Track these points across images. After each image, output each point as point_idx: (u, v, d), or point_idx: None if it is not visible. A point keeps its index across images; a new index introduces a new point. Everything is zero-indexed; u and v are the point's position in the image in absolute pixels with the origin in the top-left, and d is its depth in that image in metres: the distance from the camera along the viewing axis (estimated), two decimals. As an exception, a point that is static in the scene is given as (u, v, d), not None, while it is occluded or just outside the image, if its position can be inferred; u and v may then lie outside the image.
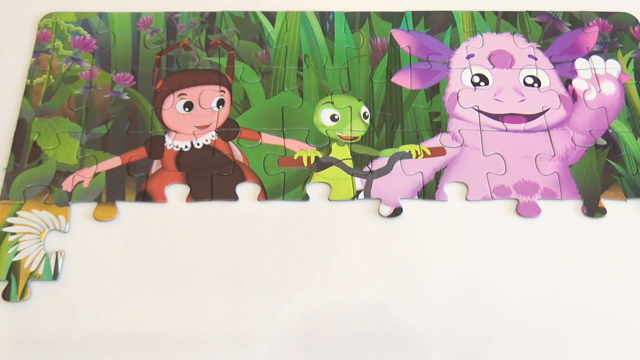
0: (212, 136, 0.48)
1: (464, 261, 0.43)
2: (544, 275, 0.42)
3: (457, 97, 0.50)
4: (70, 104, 0.49)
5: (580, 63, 0.52)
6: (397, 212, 0.44)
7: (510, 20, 0.54)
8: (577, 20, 0.55)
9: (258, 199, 0.45)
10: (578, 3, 0.56)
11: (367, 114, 0.49)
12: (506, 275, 0.42)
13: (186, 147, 0.47)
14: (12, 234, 0.43)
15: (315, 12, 0.55)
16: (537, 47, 0.53)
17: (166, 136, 0.48)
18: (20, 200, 0.45)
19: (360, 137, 0.48)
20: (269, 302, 0.41)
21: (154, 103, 0.49)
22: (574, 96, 0.50)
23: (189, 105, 0.49)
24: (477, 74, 0.51)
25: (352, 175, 0.46)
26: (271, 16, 0.54)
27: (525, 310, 0.41)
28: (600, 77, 0.51)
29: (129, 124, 0.48)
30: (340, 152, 0.47)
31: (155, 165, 0.46)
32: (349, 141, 0.48)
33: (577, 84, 0.51)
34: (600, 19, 0.55)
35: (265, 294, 0.41)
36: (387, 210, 0.44)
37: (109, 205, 0.44)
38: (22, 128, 0.48)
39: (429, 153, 0.47)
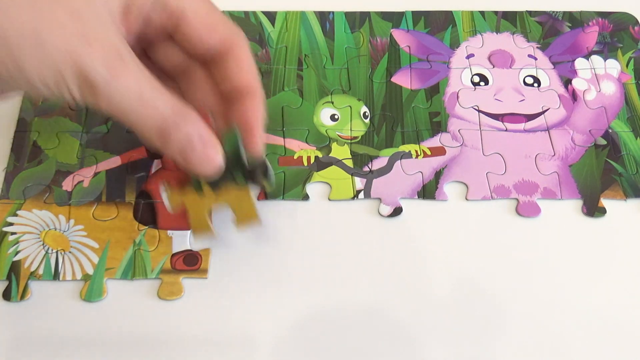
0: (212, 136, 0.48)
1: (463, 261, 0.43)
2: (543, 275, 0.42)
3: (457, 97, 0.50)
4: (70, 104, 0.49)
5: (580, 63, 0.52)
6: (397, 211, 0.44)
7: (510, 20, 0.55)
8: (577, 20, 0.55)
9: (258, 199, 0.45)
10: (578, 3, 0.56)
11: (367, 114, 0.49)
12: (506, 275, 0.42)
13: (186, 146, 0.47)
14: (13, 233, 0.43)
15: (315, 12, 0.55)
16: (537, 47, 0.53)
17: (166, 136, 0.48)
18: (20, 200, 0.45)
19: (360, 137, 0.48)
20: (269, 302, 0.41)
21: (154, 103, 0.49)
22: (573, 96, 0.50)
23: (189, 105, 0.49)
24: (477, 74, 0.51)
25: (352, 175, 0.46)
26: (271, 16, 0.54)
27: (525, 309, 0.41)
28: (600, 77, 0.51)
29: (129, 123, 0.48)
30: (340, 152, 0.47)
31: (155, 164, 0.46)
32: (349, 141, 0.48)
33: (577, 83, 0.51)
34: (600, 19, 0.55)
35: (264, 293, 0.41)
36: (387, 210, 0.44)
37: (108, 205, 0.44)
38: (22, 127, 0.48)
39: (428, 153, 0.47)
